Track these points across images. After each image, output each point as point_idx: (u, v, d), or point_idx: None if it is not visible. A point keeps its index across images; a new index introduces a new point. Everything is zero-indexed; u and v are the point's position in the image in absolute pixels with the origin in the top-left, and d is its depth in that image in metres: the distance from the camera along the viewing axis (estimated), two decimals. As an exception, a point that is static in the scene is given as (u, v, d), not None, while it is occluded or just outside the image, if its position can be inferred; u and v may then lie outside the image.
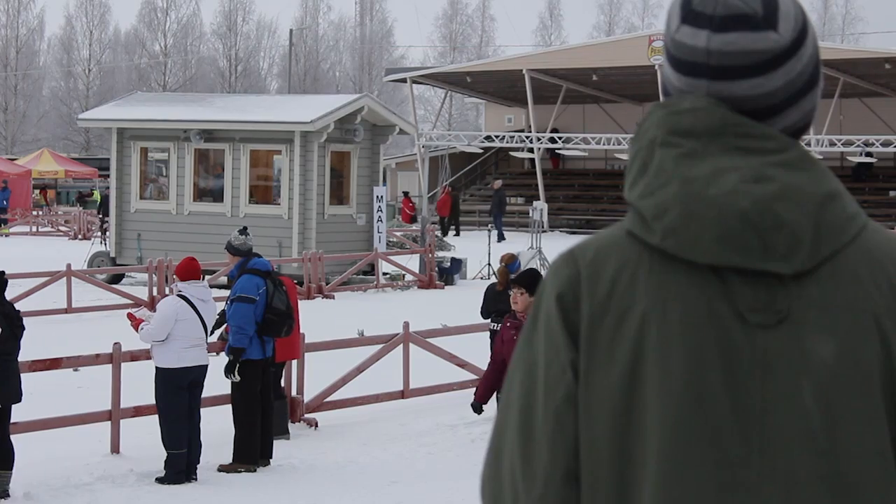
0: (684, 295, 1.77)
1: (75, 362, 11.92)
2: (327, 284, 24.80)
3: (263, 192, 26.58)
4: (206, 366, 10.94)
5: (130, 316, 11.09)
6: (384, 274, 26.94)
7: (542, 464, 1.81)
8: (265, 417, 11.29)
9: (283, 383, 12.68)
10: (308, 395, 13.04)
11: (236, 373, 11.06)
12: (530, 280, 9.75)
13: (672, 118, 1.84)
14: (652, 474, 1.75)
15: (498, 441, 1.88)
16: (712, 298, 1.77)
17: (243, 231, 11.84)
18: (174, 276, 11.18)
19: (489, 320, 12.90)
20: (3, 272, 10.17)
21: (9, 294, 10.19)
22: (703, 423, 1.74)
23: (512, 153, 47.87)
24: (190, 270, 11.01)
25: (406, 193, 44.72)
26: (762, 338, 1.76)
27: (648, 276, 1.79)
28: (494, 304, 12.74)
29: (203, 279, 11.41)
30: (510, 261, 14.06)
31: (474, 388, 10.69)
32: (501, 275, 13.06)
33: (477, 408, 10.06)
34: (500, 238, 37.73)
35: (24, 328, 10.06)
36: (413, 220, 40.47)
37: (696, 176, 1.78)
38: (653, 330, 1.77)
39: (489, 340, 12.84)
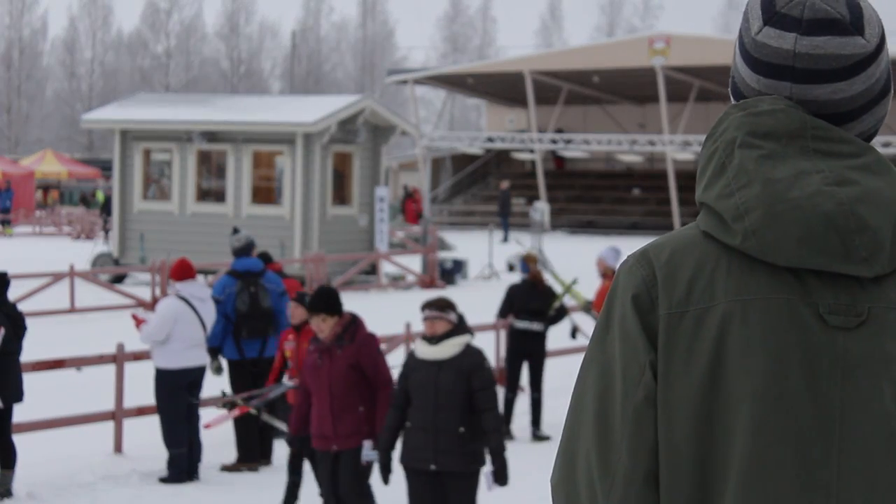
0: (765, 296, 1.77)
1: (79, 362, 11.96)
2: (329, 285, 24.85)
3: (266, 192, 26.60)
4: (205, 366, 11.00)
5: (135, 316, 11.13)
6: (386, 274, 27.01)
7: (622, 465, 1.80)
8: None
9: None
10: (310, 395, 13.09)
11: (214, 370, 11.46)
12: (325, 302, 8.38)
13: (751, 120, 1.84)
14: (734, 475, 1.76)
15: (571, 443, 1.86)
16: (792, 300, 1.77)
17: (234, 232, 12.00)
18: (171, 280, 11.22)
19: (509, 319, 12.78)
20: (4, 273, 10.20)
21: (12, 294, 10.22)
22: (784, 425, 1.74)
23: (513, 154, 47.91)
24: (184, 269, 11.04)
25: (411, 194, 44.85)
26: (842, 340, 1.76)
27: (727, 278, 1.79)
28: (525, 302, 12.59)
29: (206, 278, 11.48)
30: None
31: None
32: (539, 274, 13.03)
33: (292, 442, 8.77)
34: (505, 239, 37.75)
35: (26, 329, 10.11)
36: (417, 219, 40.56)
37: (778, 178, 1.78)
38: (733, 331, 1.77)
39: (513, 341, 12.77)
